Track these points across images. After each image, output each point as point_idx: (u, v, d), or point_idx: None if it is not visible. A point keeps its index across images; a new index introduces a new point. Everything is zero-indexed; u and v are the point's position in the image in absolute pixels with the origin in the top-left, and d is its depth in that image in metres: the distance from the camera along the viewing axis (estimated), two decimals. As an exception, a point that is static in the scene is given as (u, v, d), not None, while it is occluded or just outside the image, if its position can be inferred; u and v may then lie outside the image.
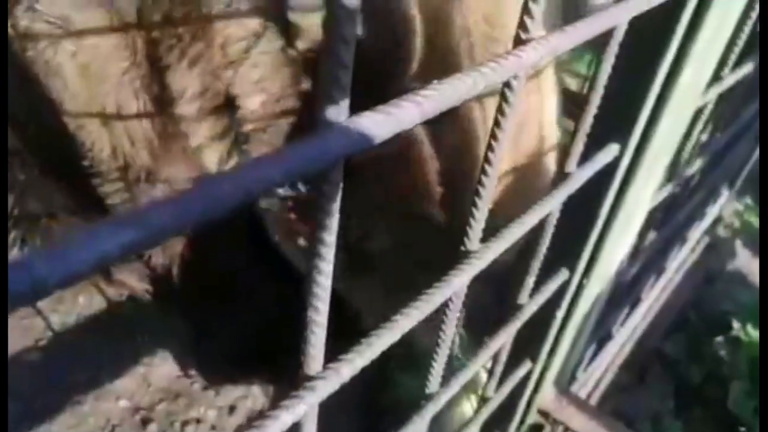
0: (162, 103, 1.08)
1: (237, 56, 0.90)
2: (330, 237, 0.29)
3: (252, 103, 0.91)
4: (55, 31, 1.16)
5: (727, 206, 1.79)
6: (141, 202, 1.32)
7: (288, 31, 0.84)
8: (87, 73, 1.18)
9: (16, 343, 1.46)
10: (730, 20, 0.59)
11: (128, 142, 1.24)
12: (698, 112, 0.88)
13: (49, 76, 1.23)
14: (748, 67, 0.89)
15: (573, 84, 1.61)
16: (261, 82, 0.89)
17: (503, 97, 0.37)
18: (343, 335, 0.42)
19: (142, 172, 1.28)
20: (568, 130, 0.57)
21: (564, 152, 0.55)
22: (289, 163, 0.24)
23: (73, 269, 0.17)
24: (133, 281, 1.55)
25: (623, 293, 1.21)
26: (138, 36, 1.02)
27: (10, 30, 1.19)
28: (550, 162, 0.92)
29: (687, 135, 0.92)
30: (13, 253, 1.54)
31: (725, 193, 1.66)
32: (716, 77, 0.84)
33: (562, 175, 0.54)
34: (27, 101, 1.32)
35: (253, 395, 1.54)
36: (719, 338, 1.52)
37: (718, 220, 1.77)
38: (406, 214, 0.90)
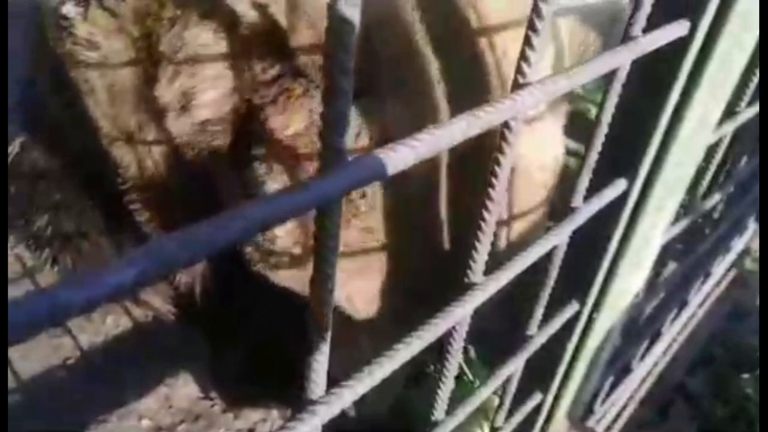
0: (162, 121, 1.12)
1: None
2: (331, 269, 0.31)
3: (207, 97, 0.93)
4: (88, 54, 1.22)
5: (756, 239, 1.77)
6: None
7: (231, 19, 0.85)
8: (112, 93, 1.24)
9: (44, 361, 1.51)
10: (740, 57, 0.61)
11: (150, 160, 1.29)
12: (714, 146, 0.88)
13: (86, 95, 1.29)
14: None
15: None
16: (214, 78, 0.91)
17: (503, 137, 0.39)
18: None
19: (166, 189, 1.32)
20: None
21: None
22: (295, 199, 0.26)
23: (91, 297, 0.20)
24: (157, 302, 1.59)
25: (642, 326, 1.20)
26: (148, 61, 1.06)
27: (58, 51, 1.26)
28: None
29: (704, 169, 0.92)
30: (45, 270, 1.60)
31: (752, 227, 1.63)
32: (732, 112, 0.85)
33: (568, 209, 0.55)
34: (71, 121, 1.39)
35: (272, 418, 1.55)
36: (746, 375, 1.49)
37: (745, 253, 1.75)
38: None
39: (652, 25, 0.50)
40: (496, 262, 0.48)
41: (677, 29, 0.50)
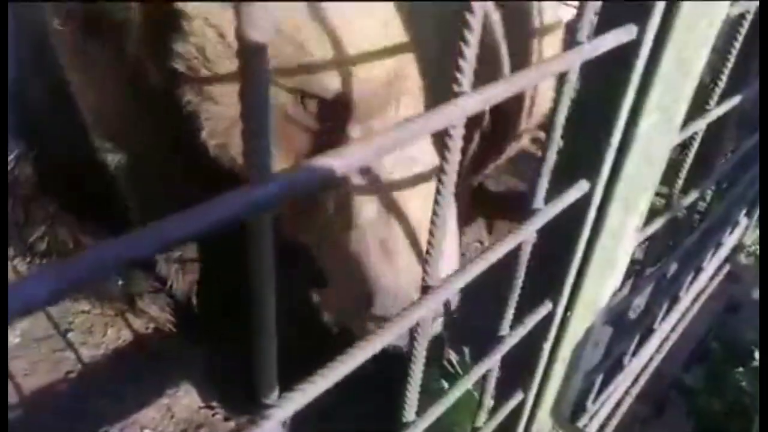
0: None
1: None
2: (268, 277, 0.32)
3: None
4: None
5: (750, 234, 1.77)
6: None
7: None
8: (104, 97, 1.26)
9: (47, 375, 1.53)
10: (696, 59, 0.62)
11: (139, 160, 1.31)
12: (689, 142, 0.89)
13: (81, 100, 1.31)
14: (737, 98, 0.91)
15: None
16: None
17: (444, 145, 0.40)
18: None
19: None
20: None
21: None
22: (219, 213, 0.28)
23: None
24: (154, 310, 1.61)
25: (632, 323, 1.21)
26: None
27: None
28: None
29: (681, 165, 0.93)
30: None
31: (744, 222, 1.64)
32: (704, 110, 0.86)
33: (529, 212, 0.56)
34: (61, 129, 1.41)
35: (273, 426, 1.57)
36: (740, 369, 1.49)
37: (739, 248, 1.75)
38: None
39: (600, 30, 0.51)
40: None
41: (624, 34, 0.51)
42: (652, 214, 0.87)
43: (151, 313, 1.62)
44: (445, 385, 1.33)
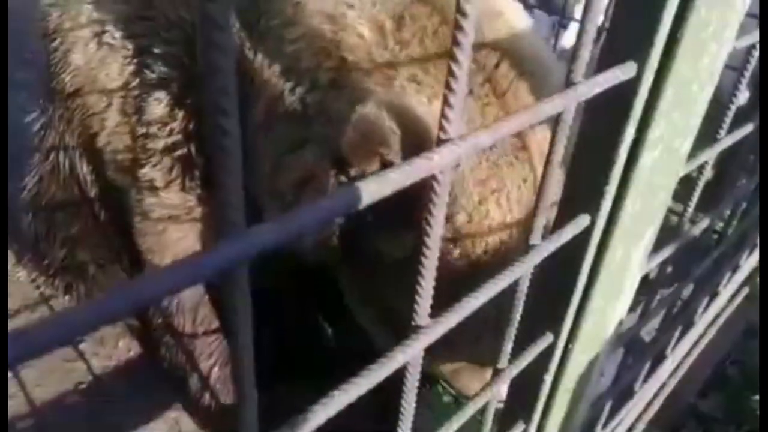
0: None
1: None
2: (245, 338, 0.32)
3: None
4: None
5: (769, 256, 1.73)
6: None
7: None
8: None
9: (58, 385, 1.55)
10: (700, 90, 0.61)
11: None
12: (699, 169, 0.88)
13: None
14: (749, 127, 0.89)
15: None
16: None
17: (432, 190, 0.40)
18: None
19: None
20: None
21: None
22: (197, 268, 0.28)
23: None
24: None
25: (643, 348, 1.19)
26: None
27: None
28: None
29: (691, 192, 0.92)
30: (59, 300, 1.64)
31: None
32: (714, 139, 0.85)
33: (526, 247, 0.56)
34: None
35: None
36: (757, 397, 1.45)
37: (757, 272, 1.71)
38: None
39: (602, 65, 0.51)
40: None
41: (624, 71, 0.50)
42: (666, 231, 0.86)
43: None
44: (446, 400, 1.31)
